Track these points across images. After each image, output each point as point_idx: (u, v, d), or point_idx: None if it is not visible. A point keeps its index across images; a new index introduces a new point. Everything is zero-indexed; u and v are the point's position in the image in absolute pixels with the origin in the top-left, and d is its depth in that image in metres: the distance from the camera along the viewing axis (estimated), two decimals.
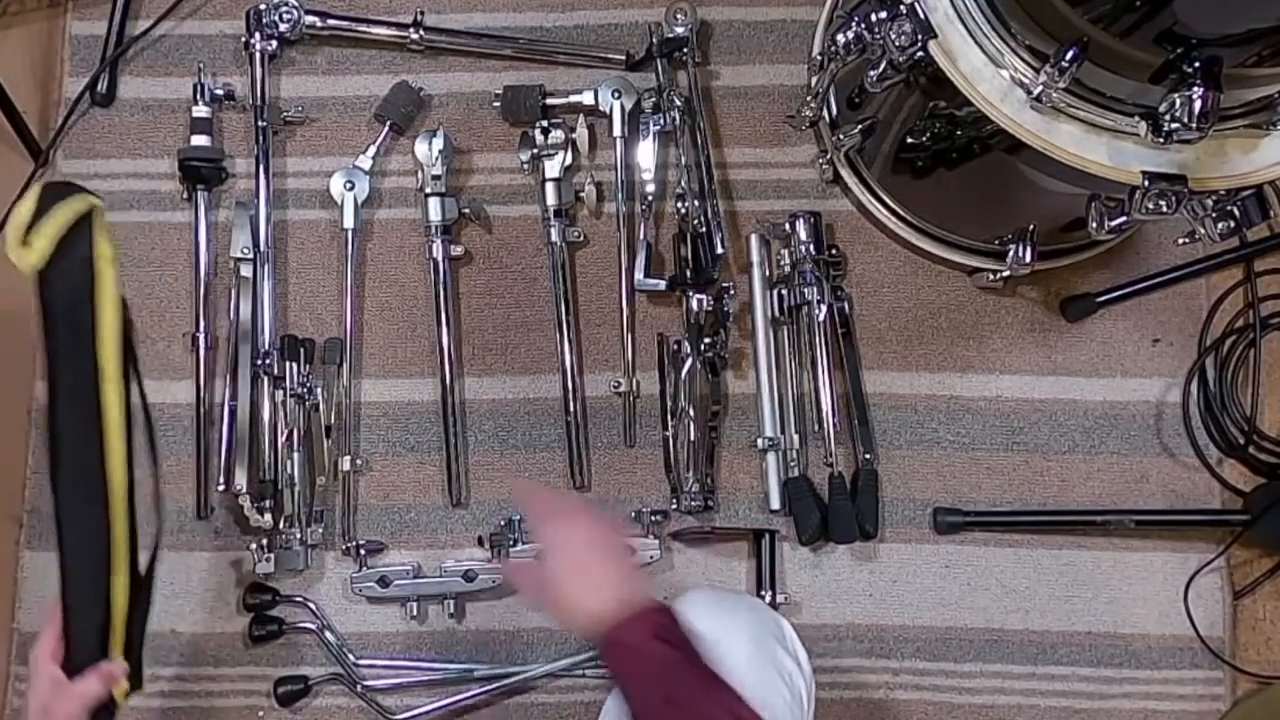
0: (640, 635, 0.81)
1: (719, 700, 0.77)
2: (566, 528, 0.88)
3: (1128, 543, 1.25)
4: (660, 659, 0.79)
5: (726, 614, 0.92)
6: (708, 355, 1.22)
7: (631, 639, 0.81)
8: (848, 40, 0.99)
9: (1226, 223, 0.95)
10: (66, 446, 0.83)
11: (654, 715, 0.78)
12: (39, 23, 1.35)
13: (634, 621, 0.81)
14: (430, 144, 1.25)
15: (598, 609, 0.82)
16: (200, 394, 1.25)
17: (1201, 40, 0.83)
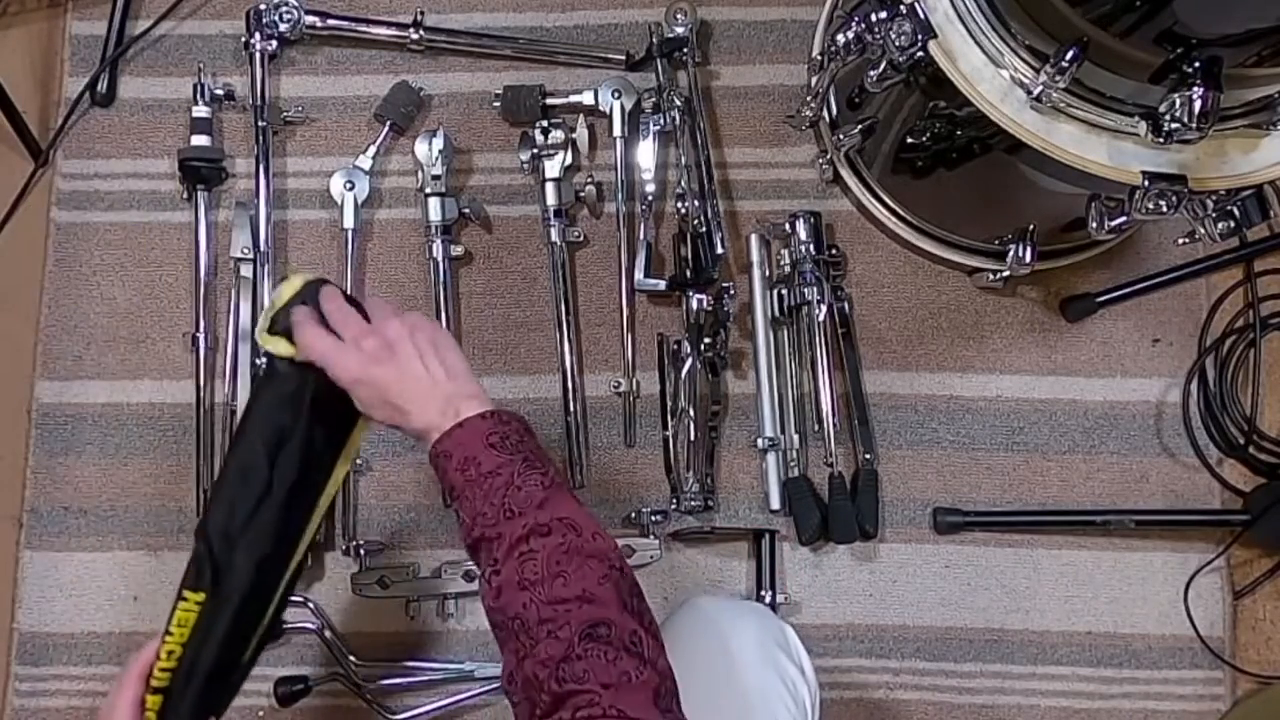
0: (472, 444, 0.79)
1: (558, 509, 0.76)
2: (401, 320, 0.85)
3: (1128, 543, 1.25)
4: (492, 467, 0.78)
5: (730, 621, 0.92)
6: (708, 355, 1.22)
7: (460, 449, 0.79)
8: (848, 40, 0.99)
9: (1226, 223, 0.95)
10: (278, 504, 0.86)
11: (491, 526, 0.77)
12: (39, 23, 1.35)
13: (463, 430, 0.80)
14: (430, 144, 1.25)
15: (424, 410, 0.81)
16: (200, 394, 1.25)
17: (1201, 40, 0.83)
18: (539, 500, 0.76)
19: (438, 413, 0.81)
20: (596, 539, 0.75)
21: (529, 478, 0.78)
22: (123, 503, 1.25)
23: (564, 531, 0.75)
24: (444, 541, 1.25)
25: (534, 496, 0.77)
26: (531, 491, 0.77)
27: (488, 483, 0.78)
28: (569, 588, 0.72)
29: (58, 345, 1.28)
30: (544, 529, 0.75)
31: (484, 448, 0.79)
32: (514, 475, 0.78)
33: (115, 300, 1.29)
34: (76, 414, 1.27)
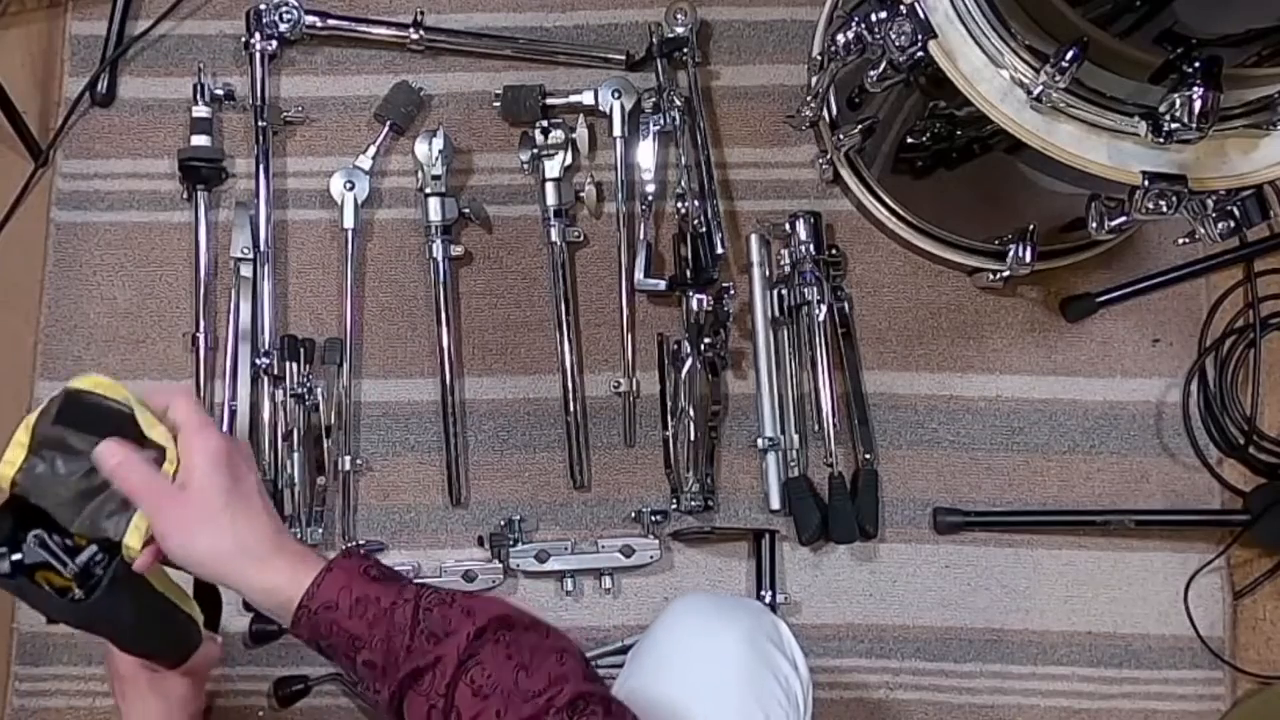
0: (355, 584, 0.72)
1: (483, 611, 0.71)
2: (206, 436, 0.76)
3: (1128, 543, 1.25)
4: (391, 599, 0.71)
5: (721, 617, 0.92)
6: (708, 355, 1.22)
7: (345, 594, 0.71)
8: (848, 40, 0.99)
9: (1226, 223, 0.95)
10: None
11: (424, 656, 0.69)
12: (39, 23, 1.35)
13: (335, 574, 0.72)
14: (430, 144, 1.25)
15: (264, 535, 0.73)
16: (200, 394, 1.25)
17: (1201, 40, 0.83)
18: (460, 611, 0.71)
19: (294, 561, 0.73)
20: (533, 624, 0.72)
21: (434, 598, 0.72)
22: None
23: (499, 629, 0.70)
24: (444, 541, 1.25)
25: (448, 613, 0.71)
26: (444, 609, 0.71)
27: (397, 614, 0.71)
28: (533, 679, 0.68)
29: (58, 345, 1.28)
30: (481, 633, 0.70)
31: (370, 582, 0.73)
32: (419, 599, 0.72)
33: (115, 300, 1.29)
34: None
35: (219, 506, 0.74)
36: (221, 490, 0.74)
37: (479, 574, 1.21)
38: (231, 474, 0.75)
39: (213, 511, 0.74)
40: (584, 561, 1.22)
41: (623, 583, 1.24)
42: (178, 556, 0.75)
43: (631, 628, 1.23)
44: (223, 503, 0.74)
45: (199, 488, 0.74)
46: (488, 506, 1.26)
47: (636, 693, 0.88)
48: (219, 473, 0.75)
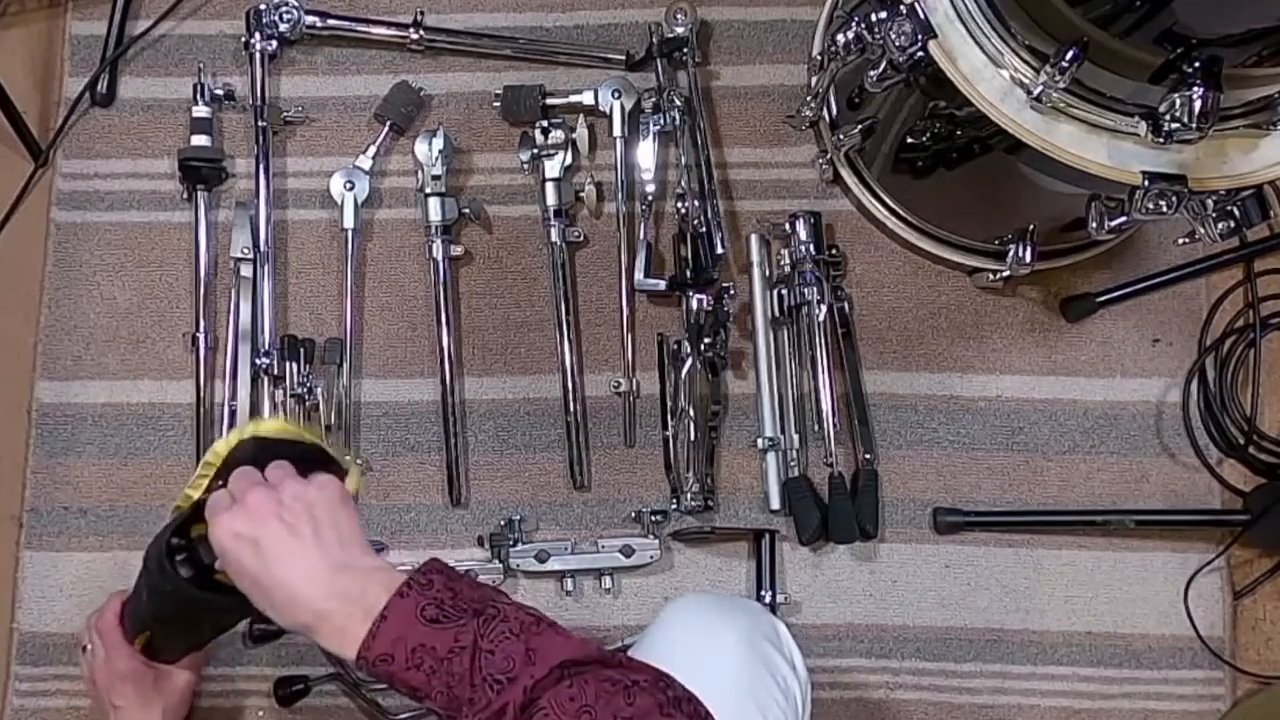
0: (409, 633, 0.69)
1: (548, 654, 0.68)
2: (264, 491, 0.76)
3: (1128, 543, 1.25)
4: (448, 646, 0.68)
5: (719, 616, 0.92)
6: (708, 355, 1.22)
7: (400, 645, 0.69)
8: (848, 40, 0.99)
9: (1226, 223, 0.95)
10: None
11: (485, 709, 0.67)
12: (39, 23, 1.35)
13: (390, 623, 0.69)
14: (430, 144, 1.25)
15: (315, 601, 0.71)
16: (200, 394, 1.25)
17: (1201, 40, 0.83)
18: (522, 654, 0.68)
19: (343, 613, 0.71)
20: (600, 659, 0.69)
21: (493, 630, 0.69)
22: (123, 503, 1.25)
23: (563, 671, 0.67)
24: (444, 541, 1.25)
25: (511, 652, 0.68)
26: (508, 648, 0.68)
27: (455, 664, 0.68)
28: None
29: (58, 345, 1.28)
30: (543, 680, 0.67)
31: (425, 628, 0.69)
32: (477, 640, 0.68)
33: (115, 300, 1.29)
34: (76, 414, 1.27)
35: (251, 583, 0.75)
36: (245, 570, 0.74)
37: (479, 574, 1.21)
38: (250, 544, 0.74)
39: (251, 586, 0.75)
40: (584, 561, 1.22)
41: (623, 583, 1.24)
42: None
43: (631, 628, 1.23)
44: (251, 579, 0.74)
45: (232, 572, 0.76)
46: (488, 506, 1.26)
47: None
48: (236, 552, 0.75)
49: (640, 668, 0.70)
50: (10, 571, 1.24)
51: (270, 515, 0.75)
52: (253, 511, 0.75)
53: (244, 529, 0.75)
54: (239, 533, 0.75)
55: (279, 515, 0.75)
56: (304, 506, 0.76)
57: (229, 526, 0.75)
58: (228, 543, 0.75)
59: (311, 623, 0.72)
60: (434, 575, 0.73)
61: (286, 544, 0.74)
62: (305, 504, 0.76)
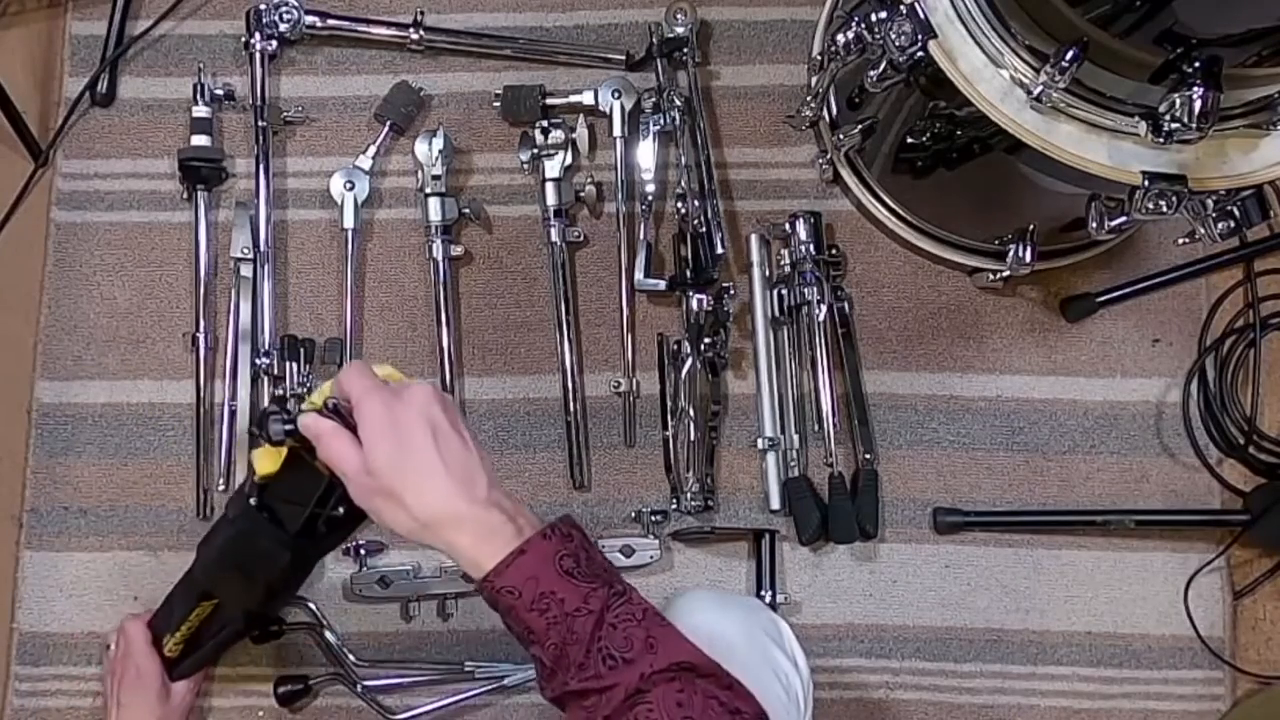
0: (544, 574, 0.68)
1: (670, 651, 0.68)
2: (388, 398, 0.73)
3: (1128, 543, 1.25)
4: (576, 603, 0.67)
5: (722, 614, 0.92)
6: (708, 355, 1.22)
7: (531, 584, 0.68)
8: (848, 40, 0.99)
9: (1226, 223, 0.95)
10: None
11: (595, 680, 0.67)
12: (39, 23, 1.35)
13: (528, 557, 0.69)
14: (430, 144, 1.25)
15: (440, 507, 0.70)
16: (200, 394, 1.25)
17: (1201, 40, 0.83)
18: (643, 640, 0.67)
19: (485, 528, 0.70)
20: (715, 672, 0.68)
21: (619, 606, 0.68)
22: (123, 503, 1.25)
23: (679, 672, 0.66)
24: None
25: (633, 634, 0.67)
26: (630, 631, 0.67)
27: (577, 624, 0.67)
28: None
29: (58, 345, 1.28)
30: (659, 674, 0.66)
31: (559, 577, 0.69)
32: (604, 610, 0.68)
33: (115, 300, 1.29)
34: (76, 414, 1.27)
35: (389, 483, 0.72)
36: (386, 465, 0.72)
37: None
38: (397, 440, 0.72)
39: (386, 488, 0.72)
40: None
41: None
42: (377, 522, 0.74)
43: None
44: (389, 478, 0.72)
45: (370, 466, 0.72)
46: None
47: None
48: (382, 443, 0.72)
49: (746, 696, 0.69)
50: (10, 571, 1.24)
51: (438, 407, 0.73)
52: (420, 398, 0.74)
53: (413, 412, 0.73)
54: (387, 428, 0.72)
55: (455, 417, 0.74)
56: (444, 416, 0.74)
57: (380, 419, 0.72)
58: (375, 434, 0.72)
59: (457, 519, 0.71)
60: (573, 530, 0.72)
61: (454, 439, 0.73)
62: (445, 412, 0.74)
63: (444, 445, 0.73)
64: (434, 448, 0.72)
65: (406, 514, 0.72)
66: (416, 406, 0.74)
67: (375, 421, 0.73)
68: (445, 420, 0.74)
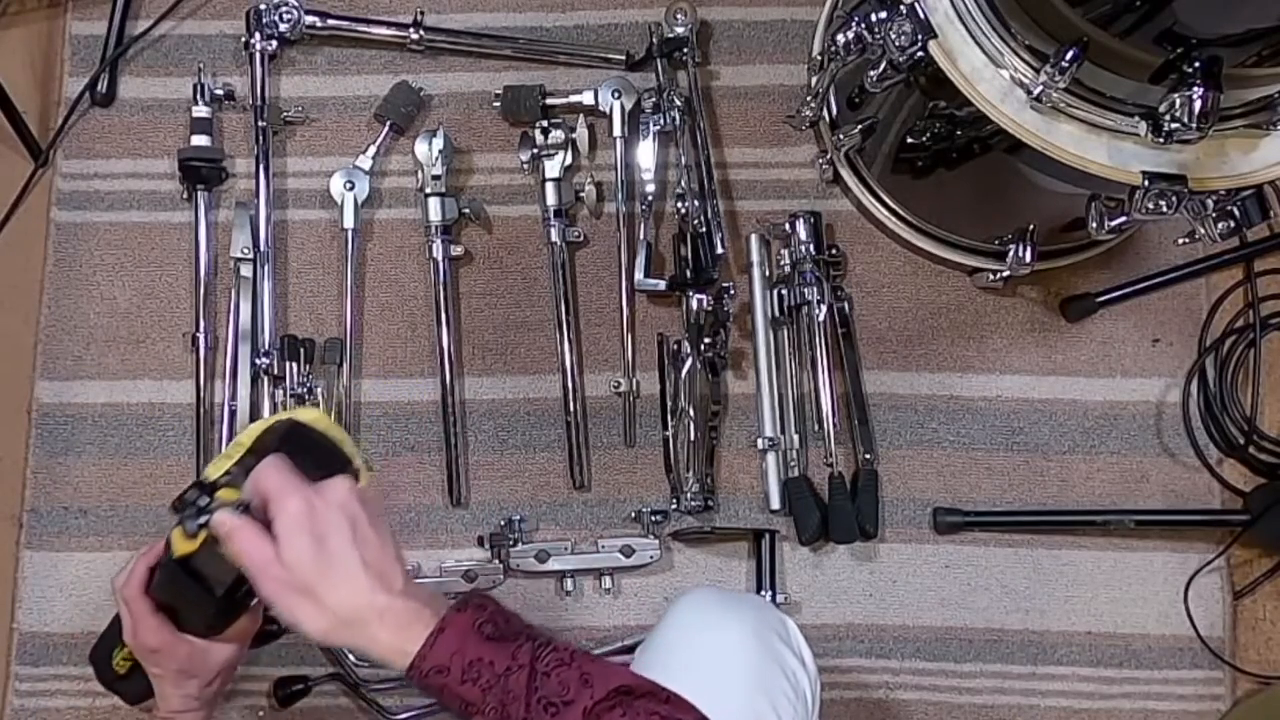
0: (467, 646, 0.68)
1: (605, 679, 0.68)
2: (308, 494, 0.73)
3: (1128, 543, 1.25)
4: (506, 662, 0.68)
5: (729, 612, 0.92)
6: (708, 355, 1.22)
7: (458, 657, 0.68)
8: (848, 40, 0.99)
9: (1226, 223, 0.95)
10: None
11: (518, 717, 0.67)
12: (39, 23, 1.35)
13: (449, 634, 0.69)
14: (430, 144, 1.25)
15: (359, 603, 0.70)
16: (200, 394, 1.25)
17: (1201, 40, 0.83)
18: (577, 679, 0.68)
19: (404, 618, 0.70)
20: (652, 691, 0.69)
21: (546, 654, 0.69)
22: (123, 503, 1.25)
23: (617, 697, 0.67)
24: (444, 541, 1.25)
25: (566, 677, 0.68)
26: (563, 674, 0.68)
27: (511, 681, 0.68)
28: None
29: (58, 345, 1.28)
30: (598, 705, 0.67)
31: (483, 642, 0.70)
32: (534, 661, 0.69)
33: (115, 300, 1.29)
34: (76, 414, 1.27)
35: (305, 580, 0.71)
36: (304, 561, 0.72)
37: (479, 574, 1.21)
38: (314, 538, 0.72)
39: (301, 585, 0.72)
40: (584, 561, 1.22)
41: (623, 583, 1.24)
42: (288, 625, 0.74)
43: (631, 628, 1.23)
44: (307, 575, 0.71)
45: (286, 561, 0.72)
46: (488, 506, 1.26)
47: None
48: (299, 540, 0.72)
49: (686, 707, 0.70)
50: (10, 571, 1.24)
51: (357, 503, 0.74)
52: (340, 494, 0.74)
53: (332, 509, 0.73)
54: (305, 526, 0.72)
55: (376, 512, 0.75)
56: (363, 511, 0.75)
57: (297, 517, 0.72)
58: (291, 533, 0.72)
59: (375, 614, 0.71)
60: (485, 599, 0.73)
61: (372, 534, 0.73)
62: (364, 508, 0.75)
63: (362, 541, 0.73)
64: (353, 544, 0.72)
65: (323, 612, 0.71)
66: (336, 503, 0.74)
67: (293, 518, 0.72)
68: (364, 516, 0.74)
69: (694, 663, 0.89)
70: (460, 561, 1.23)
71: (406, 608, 0.71)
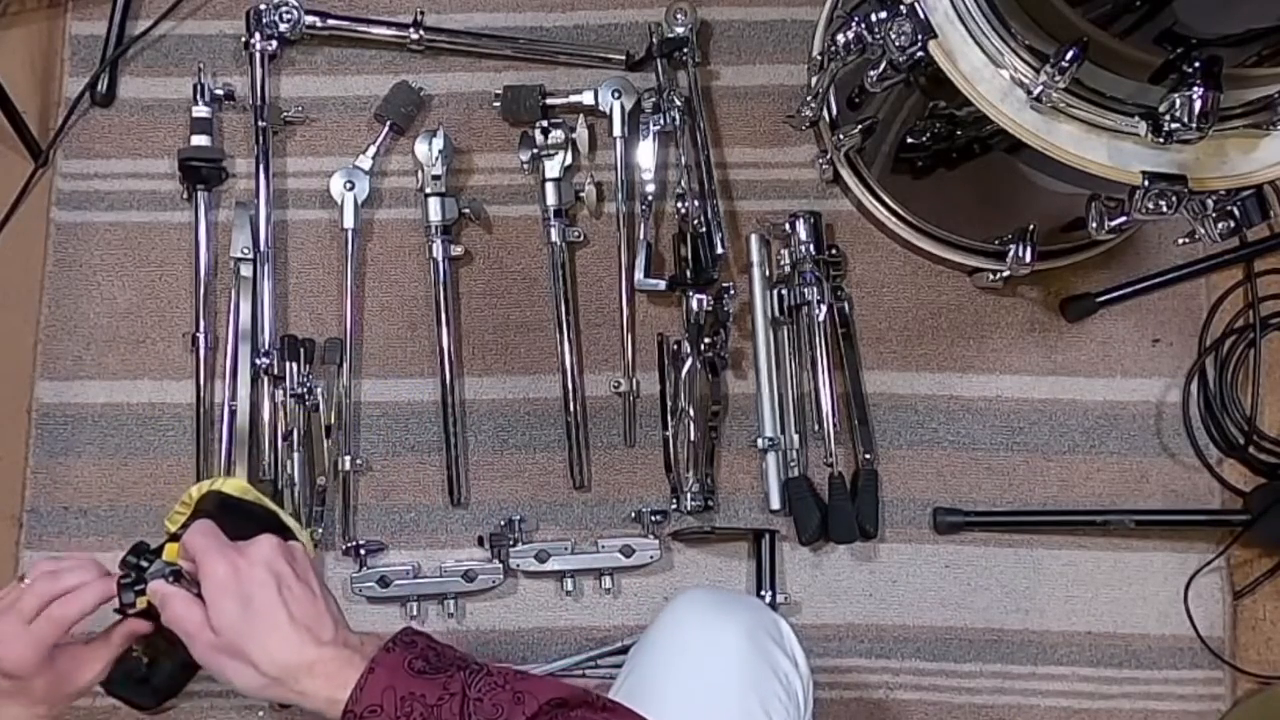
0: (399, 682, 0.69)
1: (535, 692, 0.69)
2: (232, 557, 0.75)
3: (1128, 543, 1.26)
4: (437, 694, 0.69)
5: (722, 613, 0.92)
6: (708, 355, 1.22)
7: (389, 696, 0.68)
8: (848, 40, 0.99)
9: (1226, 223, 0.94)
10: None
11: None
12: (39, 23, 1.35)
13: (378, 674, 0.70)
14: (430, 144, 1.25)
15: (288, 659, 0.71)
16: (200, 394, 1.25)
17: (1201, 40, 0.83)
18: (510, 699, 0.69)
19: (334, 666, 0.71)
20: (587, 700, 0.69)
21: (479, 680, 0.70)
22: (123, 503, 1.25)
23: (552, 711, 0.68)
24: (444, 541, 1.25)
25: (499, 699, 0.69)
26: (496, 696, 0.69)
27: (444, 711, 0.68)
28: None
29: (58, 345, 1.28)
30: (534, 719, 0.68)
31: (414, 678, 0.70)
32: (465, 688, 0.69)
33: (115, 300, 1.29)
34: (76, 414, 1.27)
35: (234, 642, 0.73)
36: (232, 624, 0.73)
37: (479, 574, 1.21)
38: (240, 600, 0.73)
39: (231, 647, 0.73)
40: (584, 561, 1.22)
41: (623, 583, 1.24)
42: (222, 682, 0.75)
43: (631, 628, 1.23)
44: (236, 637, 0.73)
45: (215, 626, 0.73)
46: (488, 506, 1.26)
47: (638, 690, 0.88)
48: (226, 602, 0.73)
49: (625, 712, 0.71)
50: (10, 571, 1.24)
51: (283, 559, 0.76)
52: (265, 552, 0.76)
53: (257, 568, 0.75)
54: (231, 589, 0.74)
55: (303, 566, 0.77)
56: (288, 567, 0.76)
57: (223, 581, 0.74)
58: (218, 597, 0.74)
59: (307, 665, 0.72)
60: (416, 636, 0.74)
61: (299, 588, 0.75)
62: (290, 563, 0.76)
63: (290, 596, 0.74)
64: (279, 601, 0.73)
65: (254, 670, 0.72)
66: (261, 561, 0.75)
67: (218, 581, 0.74)
68: (290, 571, 0.76)
69: (688, 664, 0.89)
70: (460, 561, 1.23)
71: (336, 656, 0.72)
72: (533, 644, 1.24)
